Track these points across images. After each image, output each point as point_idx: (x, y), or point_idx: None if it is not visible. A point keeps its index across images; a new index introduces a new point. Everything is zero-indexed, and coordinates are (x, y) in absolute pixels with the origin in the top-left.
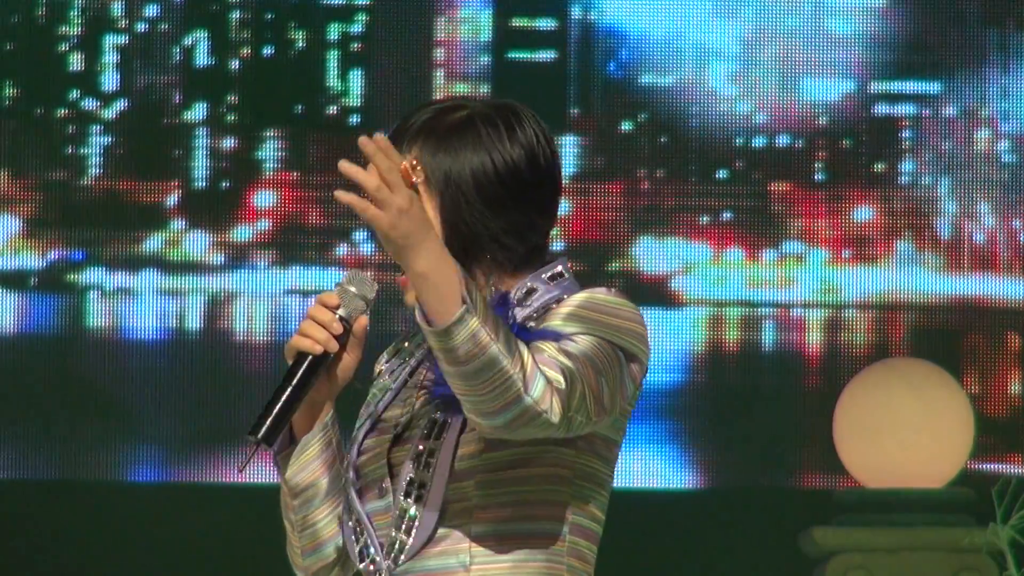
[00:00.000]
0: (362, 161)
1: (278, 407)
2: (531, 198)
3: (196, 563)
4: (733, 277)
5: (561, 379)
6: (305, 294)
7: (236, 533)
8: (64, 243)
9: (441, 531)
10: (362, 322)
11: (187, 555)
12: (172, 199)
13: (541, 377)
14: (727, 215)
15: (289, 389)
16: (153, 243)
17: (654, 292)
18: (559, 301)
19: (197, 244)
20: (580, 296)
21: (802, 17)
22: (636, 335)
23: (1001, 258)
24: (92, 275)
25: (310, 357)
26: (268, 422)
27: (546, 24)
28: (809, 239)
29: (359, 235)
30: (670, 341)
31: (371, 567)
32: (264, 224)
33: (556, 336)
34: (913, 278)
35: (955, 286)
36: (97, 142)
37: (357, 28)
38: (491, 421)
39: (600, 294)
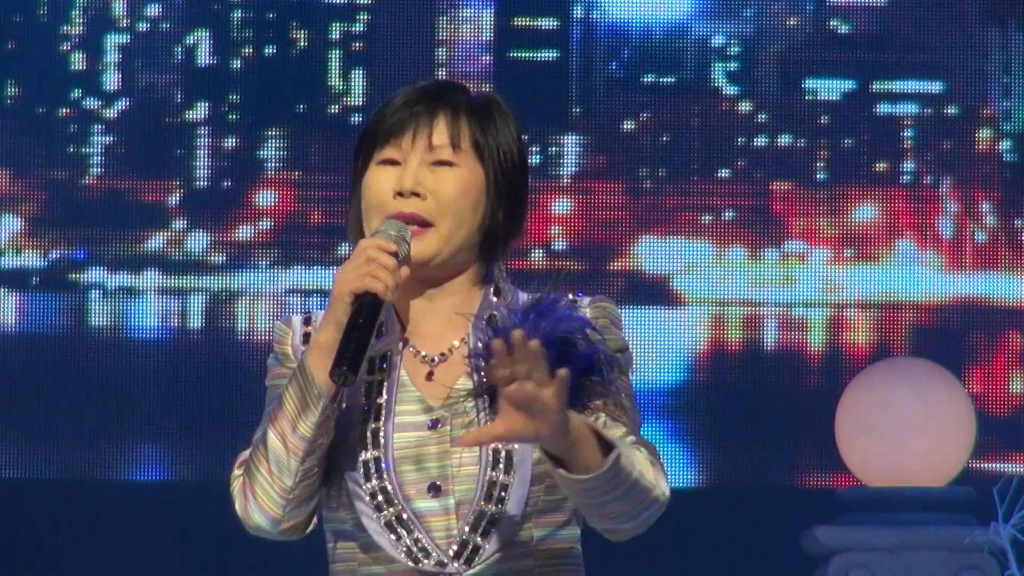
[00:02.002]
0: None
1: (360, 349)
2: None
3: (198, 562)
4: (735, 276)
5: (656, 460)
6: (306, 293)
7: (238, 532)
8: (66, 242)
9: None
10: (404, 272)
11: (189, 554)
12: (174, 198)
13: (659, 468)
14: (729, 214)
15: (366, 331)
16: (155, 242)
17: (656, 291)
18: (587, 305)
19: (199, 243)
20: (613, 308)
21: (804, 16)
22: None
23: (1002, 257)
24: (94, 274)
25: (372, 298)
26: (353, 366)
27: (548, 23)
28: (811, 238)
29: None
30: (672, 340)
31: (436, 567)
32: (266, 223)
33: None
34: (915, 277)
35: (957, 285)
36: (99, 141)
37: (359, 27)
38: (630, 524)
39: (612, 305)
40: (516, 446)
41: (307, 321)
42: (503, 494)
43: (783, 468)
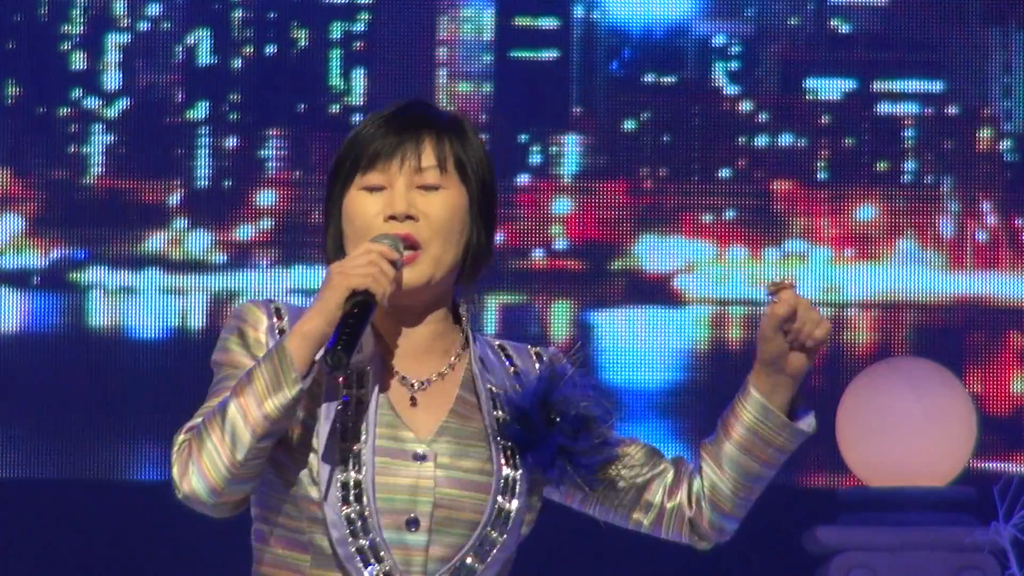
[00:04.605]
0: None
1: (353, 339)
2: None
3: (198, 562)
4: (736, 276)
5: None
6: (307, 293)
7: (237, 532)
8: (67, 242)
9: None
10: (397, 277)
11: (189, 554)
12: (174, 198)
13: None
14: (730, 214)
15: (358, 327)
16: (155, 242)
17: (657, 291)
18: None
19: (199, 243)
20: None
21: (804, 16)
22: None
23: (1003, 257)
24: (95, 274)
25: (367, 299)
26: (347, 351)
27: (549, 23)
28: (812, 238)
29: None
30: (672, 340)
31: None
32: (266, 223)
33: None
34: (915, 277)
35: (957, 285)
36: (99, 141)
37: (359, 27)
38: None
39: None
40: (515, 504)
41: (277, 314)
42: (490, 551)
43: (784, 468)
